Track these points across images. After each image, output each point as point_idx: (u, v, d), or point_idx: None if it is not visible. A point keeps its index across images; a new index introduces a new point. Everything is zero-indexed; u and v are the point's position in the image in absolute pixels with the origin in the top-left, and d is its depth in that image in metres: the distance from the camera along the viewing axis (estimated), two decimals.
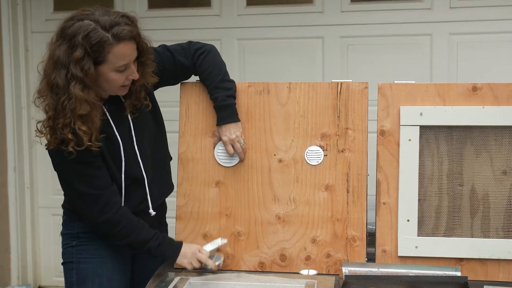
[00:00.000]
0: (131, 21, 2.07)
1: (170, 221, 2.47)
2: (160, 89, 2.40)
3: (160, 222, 2.42)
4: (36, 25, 4.40)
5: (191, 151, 2.35)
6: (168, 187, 2.43)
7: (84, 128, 2.02)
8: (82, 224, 2.26)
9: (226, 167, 2.32)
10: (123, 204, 2.19)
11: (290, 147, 2.30)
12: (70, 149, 2.03)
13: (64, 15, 2.12)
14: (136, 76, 2.12)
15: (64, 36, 2.01)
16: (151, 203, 2.28)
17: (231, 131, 2.29)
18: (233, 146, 2.29)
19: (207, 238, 2.31)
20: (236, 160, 2.31)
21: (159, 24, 4.29)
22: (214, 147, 2.33)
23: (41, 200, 4.52)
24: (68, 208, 2.31)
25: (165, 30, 4.29)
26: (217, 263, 2.23)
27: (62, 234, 2.35)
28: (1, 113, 4.29)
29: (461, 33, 3.94)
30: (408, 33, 3.99)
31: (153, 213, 2.28)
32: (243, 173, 2.31)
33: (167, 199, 2.46)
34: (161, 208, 2.42)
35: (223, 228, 2.31)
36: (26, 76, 4.38)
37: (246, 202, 2.30)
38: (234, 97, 2.31)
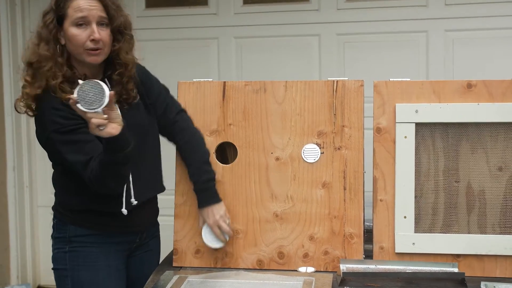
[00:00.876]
0: None
1: (169, 219, 2.48)
2: None
3: (153, 222, 2.44)
4: (35, 24, 4.39)
5: None
6: (156, 184, 2.38)
7: (28, 78, 2.11)
8: (75, 227, 2.23)
9: (223, 166, 2.34)
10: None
11: (287, 145, 2.32)
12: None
13: None
14: (97, 36, 2.10)
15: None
16: (134, 196, 2.21)
17: (214, 212, 2.26)
18: (219, 227, 2.27)
19: None
20: (223, 243, 2.29)
21: (156, 23, 4.31)
22: (200, 229, 2.30)
23: (40, 199, 4.54)
24: (59, 210, 2.27)
25: (162, 29, 4.32)
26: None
27: (54, 237, 2.30)
28: (0, 112, 4.31)
29: (456, 29, 3.96)
30: (404, 30, 4.01)
31: (125, 212, 2.18)
32: (240, 171, 2.33)
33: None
34: (152, 207, 2.40)
35: None
36: None
37: (244, 200, 2.32)
38: (214, 182, 2.30)
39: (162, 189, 2.41)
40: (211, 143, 2.35)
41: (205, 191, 2.28)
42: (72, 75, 2.13)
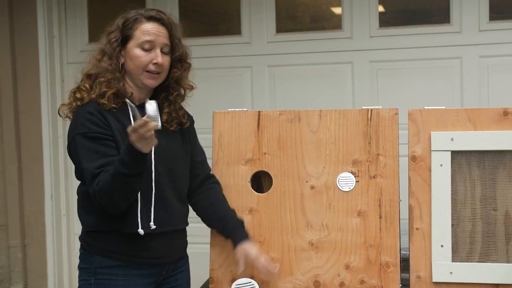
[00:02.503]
0: (167, 14, 2.28)
1: (204, 247, 2.50)
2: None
3: (181, 255, 2.37)
4: (72, 56, 4.52)
5: (224, 179, 2.38)
6: (180, 217, 2.31)
7: (87, 84, 2.20)
8: (100, 258, 2.18)
9: (258, 195, 2.36)
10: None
11: (322, 173, 2.33)
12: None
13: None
14: (160, 60, 2.20)
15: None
16: (154, 221, 2.17)
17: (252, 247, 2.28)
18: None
19: None
20: None
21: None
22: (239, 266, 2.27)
23: (77, 228, 4.59)
24: (86, 240, 2.24)
25: (196, 58, 4.35)
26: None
27: (80, 268, 2.25)
28: (38, 142, 4.40)
29: (491, 55, 3.94)
30: (438, 56, 4.01)
31: (141, 232, 2.14)
32: (276, 200, 2.34)
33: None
34: (180, 239, 2.34)
35: None
36: None
37: (279, 229, 2.32)
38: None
39: (186, 223, 2.35)
40: (246, 172, 2.37)
41: (243, 228, 2.31)
42: (124, 91, 2.22)
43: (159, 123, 1.96)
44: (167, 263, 2.28)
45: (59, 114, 2.30)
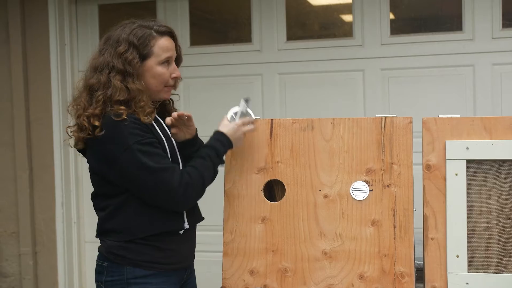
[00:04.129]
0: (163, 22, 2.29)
1: (217, 255, 2.49)
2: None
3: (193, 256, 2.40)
4: (83, 64, 4.50)
5: (237, 187, 2.37)
6: (199, 212, 2.39)
7: (122, 106, 2.11)
8: (132, 268, 2.17)
9: (271, 203, 2.34)
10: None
11: (335, 182, 2.31)
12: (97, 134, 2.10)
13: None
14: (178, 73, 2.26)
15: (107, 43, 2.20)
16: (187, 221, 2.25)
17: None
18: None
19: (253, 274, 2.32)
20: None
21: (201, 60, 4.38)
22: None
23: (88, 235, 4.60)
24: (115, 252, 2.20)
25: (207, 66, 4.38)
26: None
27: (104, 281, 2.22)
28: (49, 150, 4.41)
29: (504, 63, 3.92)
30: (450, 64, 3.99)
31: (187, 226, 2.24)
32: (289, 209, 2.32)
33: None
34: (194, 239, 2.38)
35: (269, 264, 2.32)
36: None
37: (292, 238, 2.31)
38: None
39: (202, 217, 2.41)
40: (259, 181, 2.36)
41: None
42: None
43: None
44: (188, 266, 2.36)
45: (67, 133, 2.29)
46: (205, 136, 2.38)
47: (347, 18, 4.26)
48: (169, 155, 2.19)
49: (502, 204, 2.18)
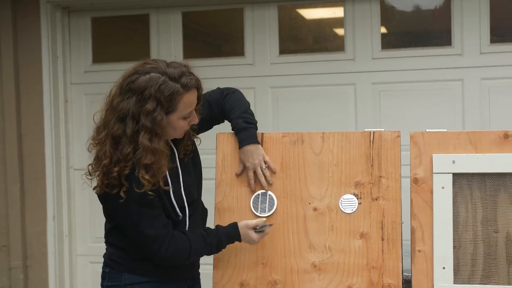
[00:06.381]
0: (191, 70, 2.20)
1: (208, 267, 2.50)
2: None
3: (198, 271, 2.44)
4: (75, 77, 4.55)
5: (228, 201, 2.40)
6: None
7: (147, 177, 2.08)
8: (130, 275, 2.24)
9: (262, 216, 2.36)
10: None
11: (325, 195, 2.34)
12: (121, 194, 2.09)
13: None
14: (196, 121, 2.23)
15: (132, 90, 2.10)
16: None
17: (253, 153, 2.35)
18: (255, 172, 2.35)
19: (244, 286, 2.34)
20: (271, 209, 2.35)
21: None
22: (237, 173, 2.40)
23: (79, 248, 4.60)
24: (113, 259, 2.27)
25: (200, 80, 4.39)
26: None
27: (105, 286, 2.30)
28: (41, 162, 4.41)
29: (492, 78, 3.97)
30: (439, 78, 4.03)
31: None
32: (278, 222, 2.35)
33: None
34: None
35: (259, 276, 2.34)
36: (65, 127, 4.51)
37: (282, 251, 2.33)
38: (256, 127, 2.38)
39: None
40: (249, 194, 2.38)
41: (245, 130, 2.35)
42: None
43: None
44: (191, 278, 2.37)
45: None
46: (201, 149, 2.43)
47: (340, 32, 4.31)
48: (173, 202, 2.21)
49: (487, 217, 2.22)
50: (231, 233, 2.27)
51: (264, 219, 2.31)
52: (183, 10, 4.47)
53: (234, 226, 2.28)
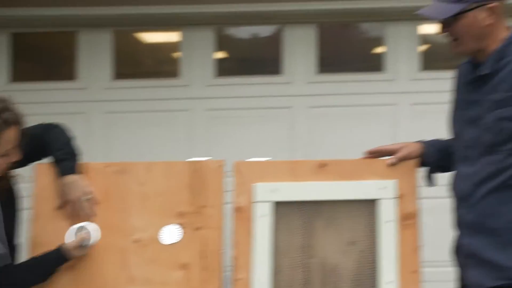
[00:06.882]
0: (11, 105, 2.09)
1: None
2: None
3: None
4: None
5: (45, 236, 2.29)
6: None
7: None
8: None
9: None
10: None
11: (147, 226, 2.30)
12: None
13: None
14: (17, 157, 2.12)
15: None
16: None
17: (73, 187, 2.27)
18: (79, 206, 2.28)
19: None
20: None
21: (25, 97, 4.18)
22: (57, 206, 2.30)
23: None
24: None
25: (30, 104, 4.20)
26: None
27: None
28: None
29: (321, 106, 4.15)
30: (270, 106, 4.16)
31: None
32: (97, 255, 2.27)
33: None
34: None
35: None
36: None
37: (100, 285, 2.26)
38: (76, 159, 2.32)
39: None
40: (68, 227, 2.29)
41: (64, 161, 2.28)
42: None
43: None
44: None
45: None
46: None
47: (178, 56, 4.31)
48: None
49: (304, 243, 2.29)
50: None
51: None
52: (12, 31, 4.27)
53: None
